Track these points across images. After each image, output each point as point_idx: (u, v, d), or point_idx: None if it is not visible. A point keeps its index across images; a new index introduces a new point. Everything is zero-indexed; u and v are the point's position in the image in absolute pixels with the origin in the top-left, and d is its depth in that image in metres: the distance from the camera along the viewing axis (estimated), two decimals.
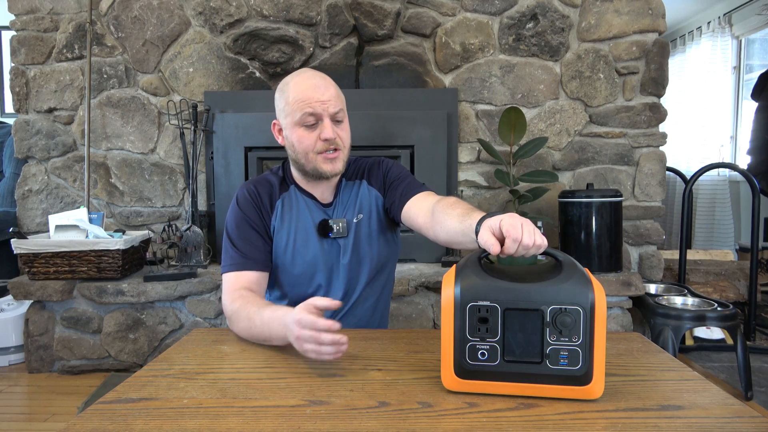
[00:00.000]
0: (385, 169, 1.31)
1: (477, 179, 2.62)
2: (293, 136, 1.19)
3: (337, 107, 1.18)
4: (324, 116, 1.16)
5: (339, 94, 1.21)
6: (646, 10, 2.49)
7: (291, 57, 2.57)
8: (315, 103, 1.15)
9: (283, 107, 1.20)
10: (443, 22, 2.56)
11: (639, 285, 2.24)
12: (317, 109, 1.15)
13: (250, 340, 1.06)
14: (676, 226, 4.17)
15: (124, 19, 2.60)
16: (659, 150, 2.58)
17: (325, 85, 1.19)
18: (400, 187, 1.25)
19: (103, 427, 0.72)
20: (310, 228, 1.24)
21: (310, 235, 1.24)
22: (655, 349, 1.02)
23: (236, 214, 1.24)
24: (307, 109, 1.15)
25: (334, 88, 1.20)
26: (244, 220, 1.23)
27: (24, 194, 2.69)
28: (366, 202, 1.28)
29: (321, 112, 1.16)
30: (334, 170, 1.20)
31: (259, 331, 1.02)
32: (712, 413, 0.74)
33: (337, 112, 1.18)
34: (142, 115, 2.64)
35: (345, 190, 1.29)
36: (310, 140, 1.17)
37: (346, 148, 1.22)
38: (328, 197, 1.28)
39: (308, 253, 1.24)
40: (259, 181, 1.29)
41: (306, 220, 1.25)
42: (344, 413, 0.75)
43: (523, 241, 0.79)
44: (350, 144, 1.25)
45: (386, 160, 1.34)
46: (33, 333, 2.32)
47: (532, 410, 0.75)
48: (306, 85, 1.17)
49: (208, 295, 2.31)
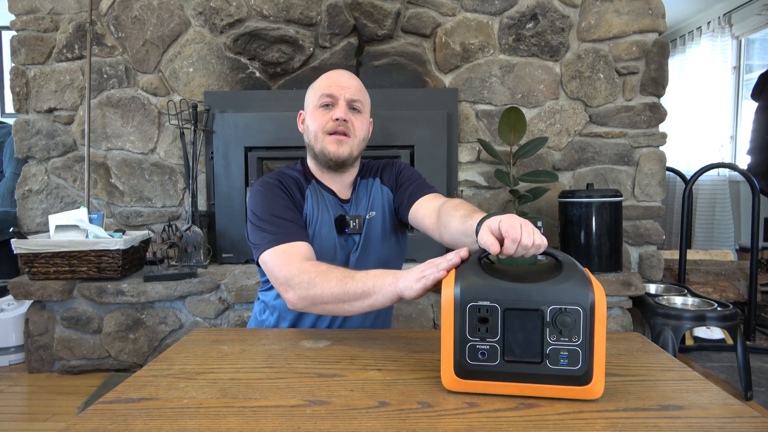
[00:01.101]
0: (397, 169, 1.34)
1: (477, 179, 2.62)
2: (310, 119, 1.24)
3: (356, 96, 1.22)
4: (340, 99, 1.21)
5: (363, 89, 1.26)
6: (646, 10, 2.49)
7: (291, 57, 2.57)
8: (334, 86, 1.22)
9: (309, 97, 1.27)
10: (443, 22, 2.56)
11: (639, 285, 2.24)
12: (335, 91, 1.21)
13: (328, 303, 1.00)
14: (676, 226, 4.17)
15: (124, 19, 2.60)
16: (659, 150, 2.58)
17: (350, 76, 1.26)
18: (410, 188, 1.27)
19: (103, 427, 0.72)
20: (330, 222, 1.25)
21: (331, 230, 1.24)
22: (655, 349, 1.02)
23: (265, 195, 1.18)
24: (326, 91, 1.22)
25: (358, 82, 1.26)
26: (278, 197, 1.17)
27: (24, 194, 2.69)
28: (378, 200, 1.30)
29: (338, 95, 1.21)
30: (338, 152, 1.20)
31: (353, 296, 0.95)
32: (712, 413, 0.74)
33: (354, 99, 1.22)
34: (142, 115, 2.64)
35: (361, 188, 1.31)
36: (323, 119, 1.21)
37: (357, 138, 1.23)
38: (346, 193, 1.30)
39: (327, 246, 1.23)
40: (280, 174, 1.25)
41: (327, 213, 1.25)
42: (344, 413, 0.75)
43: (522, 241, 0.80)
44: (364, 138, 1.26)
45: (399, 161, 1.37)
46: (33, 333, 2.32)
47: (532, 410, 0.75)
48: (332, 75, 1.25)
49: (208, 295, 2.31)
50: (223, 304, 2.33)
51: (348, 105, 1.21)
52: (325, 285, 0.98)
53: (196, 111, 2.53)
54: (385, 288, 0.93)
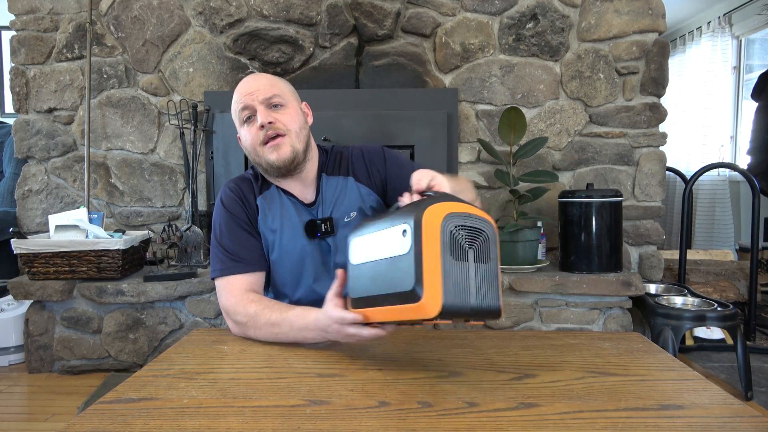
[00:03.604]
0: (375, 161, 1.26)
1: (477, 179, 2.62)
2: (242, 138, 1.20)
3: (269, 93, 1.16)
4: (255, 105, 1.15)
5: (274, 83, 1.19)
6: (646, 10, 2.49)
7: (291, 57, 2.58)
8: (244, 96, 1.16)
9: (234, 117, 1.21)
10: (443, 22, 2.56)
11: (639, 285, 2.24)
12: (247, 101, 1.15)
13: (271, 341, 1.06)
14: (676, 226, 4.17)
15: (124, 19, 2.60)
16: (659, 150, 2.58)
17: (255, 78, 1.19)
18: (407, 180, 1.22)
19: (103, 427, 0.72)
20: (297, 227, 1.21)
21: (297, 235, 1.21)
22: (655, 349, 1.02)
23: (222, 214, 1.20)
24: (240, 105, 1.16)
25: (265, 79, 1.19)
26: (232, 220, 1.19)
27: (24, 194, 2.69)
28: (356, 200, 1.23)
29: (251, 102, 1.15)
30: (279, 158, 1.14)
31: (285, 336, 1.03)
32: (712, 413, 0.74)
33: (269, 97, 1.16)
34: (142, 115, 2.64)
35: (328, 187, 1.24)
36: (252, 133, 1.16)
37: (293, 132, 1.16)
38: (309, 196, 1.24)
39: (295, 252, 1.21)
40: (239, 179, 1.26)
41: (292, 218, 1.21)
42: (344, 413, 0.75)
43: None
44: (301, 127, 1.18)
45: (368, 150, 1.28)
46: (33, 333, 2.32)
47: (532, 410, 0.75)
48: (240, 86, 1.19)
49: (208, 295, 2.31)
50: None
51: (266, 106, 1.15)
52: (260, 329, 1.07)
53: (196, 111, 2.53)
54: (315, 337, 1.00)
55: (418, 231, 0.74)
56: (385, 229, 0.81)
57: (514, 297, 2.30)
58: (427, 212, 0.75)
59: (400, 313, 0.78)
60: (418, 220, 0.75)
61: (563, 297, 2.28)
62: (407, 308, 0.76)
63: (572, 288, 2.24)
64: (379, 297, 0.81)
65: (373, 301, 0.83)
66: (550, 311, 2.30)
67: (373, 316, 0.85)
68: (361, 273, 0.85)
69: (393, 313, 0.80)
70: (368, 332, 0.90)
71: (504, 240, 2.33)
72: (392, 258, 0.78)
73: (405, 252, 0.76)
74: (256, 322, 1.06)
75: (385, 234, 0.81)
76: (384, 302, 0.80)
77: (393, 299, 0.78)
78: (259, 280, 1.20)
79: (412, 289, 0.74)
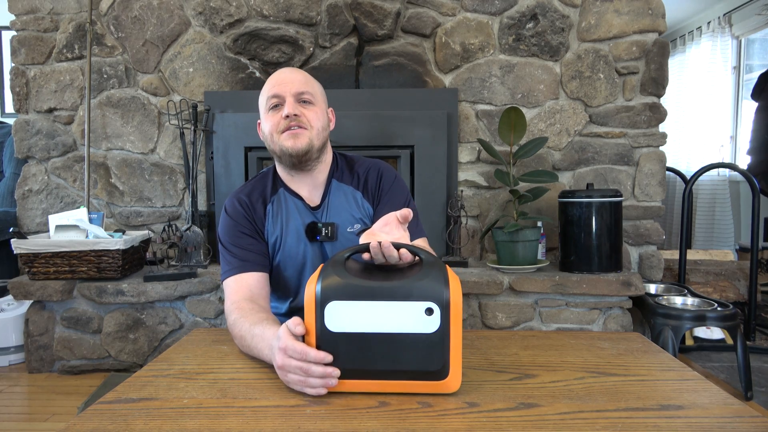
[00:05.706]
0: (385, 186, 1.26)
1: (477, 179, 2.62)
2: (264, 124, 1.23)
3: (302, 89, 1.19)
4: (286, 96, 1.18)
5: (308, 80, 1.22)
6: (646, 10, 2.49)
7: (291, 57, 2.58)
8: (278, 86, 1.19)
9: (260, 104, 1.24)
10: (443, 22, 2.56)
11: (639, 285, 2.24)
12: (279, 90, 1.18)
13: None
14: (676, 226, 4.17)
15: (124, 19, 2.60)
16: (659, 150, 2.58)
17: (292, 71, 1.23)
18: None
19: (103, 427, 0.72)
20: (300, 230, 1.23)
21: (300, 238, 1.23)
22: (655, 349, 1.02)
23: (227, 223, 1.23)
24: (271, 93, 1.19)
25: (301, 75, 1.22)
26: (235, 228, 1.22)
27: (24, 194, 2.69)
28: (358, 214, 1.26)
29: (283, 93, 1.18)
30: (295, 146, 1.16)
31: (248, 349, 0.99)
32: (712, 413, 0.74)
33: (301, 92, 1.19)
34: (142, 115, 2.64)
35: (336, 194, 1.26)
36: (275, 120, 1.19)
37: (315, 129, 1.19)
38: (315, 199, 1.25)
39: (297, 255, 1.23)
40: (250, 188, 1.27)
41: (296, 221, 1.23)
42: (344, 413, 0.75)
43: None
44: (323, 128, 1.21)
45: (387, 174, 1.28)
46: (33, 333, 2.32)
47: (532, 410, 0.75)
48: (275, 75, 1.22)
49: (208, 295, 2.31)
50: (223, 304, 2.33)
51: (296, 99, 1.18)
52: (234, 337, 1.04)
53: (196, 111, 2.53)
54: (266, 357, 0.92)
55: (446, 312, 0.77)
56: (391, 302, 0.77)
57: (514, 297, 2.30)
58: (452, 293, 0.77)
59: (412, 387, 0.79)
60: (446, 300, 0.77)
61: (563, 297, 2.28)
62: (427, 384, 0.78)
63: (572, 288, 2.24)
64: (382, 372, 0.78)
65: (367, 374, 0.79)
66: (550, 311, 2.30)
67: (364, 388, 0.80)
68: (349, 342, 0.78)
69: (400, 387, 0.79)
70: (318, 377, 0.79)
71: (504, 240, 2.33)
72: (409, 335, 0.77)
73: (431, 331, 0.77)
74: (232, 329, 1.05)
75: (393, 307, 0.77)
76: (391, 377, 0.79)
77: (405, 375, 0.78)
78: (261, 281, 1.19)
79: (441, 368, 0.77)
